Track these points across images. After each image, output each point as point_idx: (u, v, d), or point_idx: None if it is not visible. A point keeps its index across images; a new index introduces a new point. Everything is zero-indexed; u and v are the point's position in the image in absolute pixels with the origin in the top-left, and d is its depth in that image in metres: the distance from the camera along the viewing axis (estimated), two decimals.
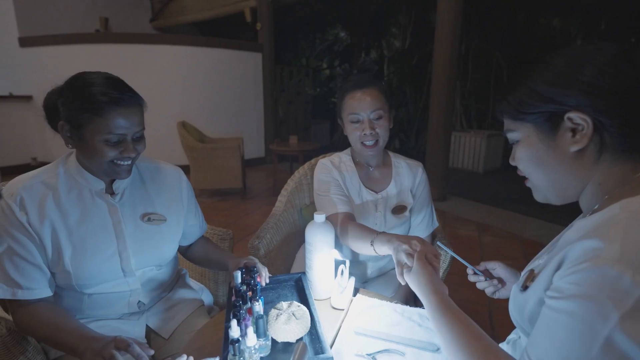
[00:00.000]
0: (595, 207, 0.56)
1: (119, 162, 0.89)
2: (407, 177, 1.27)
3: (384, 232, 0.96)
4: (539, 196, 0.64)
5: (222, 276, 1.37)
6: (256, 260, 1.00)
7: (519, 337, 0.68)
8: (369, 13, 7.96)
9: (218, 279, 1.36)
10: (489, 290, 0.86)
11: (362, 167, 1.28)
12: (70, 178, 0.93)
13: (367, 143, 1.15)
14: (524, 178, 0.65)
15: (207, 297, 1.25)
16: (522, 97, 0.58)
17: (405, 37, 7.93)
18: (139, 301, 1.02)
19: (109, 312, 0.99)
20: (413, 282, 0.75)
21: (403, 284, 0.81)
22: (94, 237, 0.93)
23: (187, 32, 7.26)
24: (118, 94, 0.84)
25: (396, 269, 0.83)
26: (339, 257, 0.96)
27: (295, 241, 1.68)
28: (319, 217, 0.98)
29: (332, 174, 1.23)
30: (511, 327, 0.69)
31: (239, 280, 0.92)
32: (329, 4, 7.56)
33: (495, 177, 5.59)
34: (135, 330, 1.00)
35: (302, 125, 7.36)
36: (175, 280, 1.18)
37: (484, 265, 0.87)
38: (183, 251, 1.21)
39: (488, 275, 0.86)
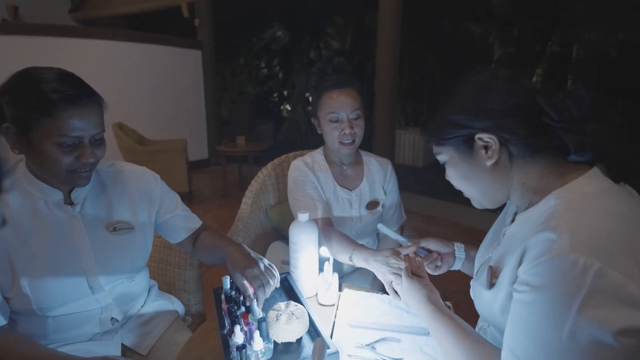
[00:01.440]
0: (529, 203, 0.65)
1: (76, 169, 0.80)
2: (378, 173, 1.33)
3: (360, 247, 1.05)
4: (476, 204, 0.74)
5: (192, 285, 1.30)
6: (257, 273, 0.84)
7: (488, 325, 0.76)
8: (306, 13, 8.03)
9: (189, 288, 1.29)
10: (429, 267, 0.95)
11: (336, 165, 1.30)
12: (21, 189, 0.83)
13: (345, 142, 1.18)
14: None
15: (178, 308, 1.19)
16: (439, 126, 0.68)
17: (343, 37, 8.16)
18: (112, 318, 0.94)
19: (79, 334, 0.90)
20: (406, 298, 0.84)
21: (398, 299, 0.90)
22: (55, 253, 0.84)
23: (115, 27, 6.67)
24: (72, 91, 0.76)
25: (387, 289, 0.91)
26: (327, 254, 0.98)
27: (263, 243, 1.66)
28: (303, 217, 0.99)
29: (307, 177, 1.24)
30: (465, 310, 0.78)
31: (228, 285, 0.89)
32: (267, 2, 7.49)
33: (434, 170, 6.00)
34: (110, 350, 0.92)
35: (247, 126, 7.21)
36: (148, 292, 1.10)
37: (421, 242, 0.96)
38: (190, 249, 1.08)
39: (427, 251, 0.96)
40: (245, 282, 0.83)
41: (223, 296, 0.88)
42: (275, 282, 0.85)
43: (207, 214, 3.80)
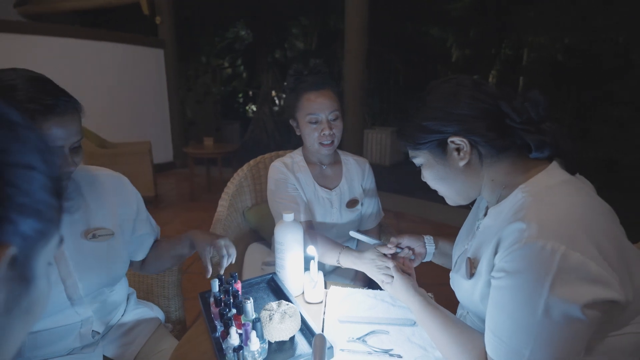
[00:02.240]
0: (499, 197, 0.72)
1: None
2: (356, 172, 1.36)
3: (346, 250, 1.07)
4: (450, 202, 0.80)
5: (172, 290, 1.27)
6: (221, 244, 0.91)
7: (467, 313, 0.82)
8: (270, 13, 7.96)
9: (168, 294, 1.26)
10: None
11: (315, 166, 1.32)
12: None
13: (325, 143, 1.20)
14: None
15: (159, 315, 1.15)
16: (413, 132, 0.74)
17: (308, 38, 8.19)
18: (93, 331, 0.90)
19: (57, 349, 0.85)
20: (396, 292, 0.88)
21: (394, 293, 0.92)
22: None
23: (67, 23, 6.27)
24: (52, 100, 0.71)
25: (382, 286, 0.95)
26: (314, 253, 0.99)
27: (241, 245, 1.64)
28: (288, 217, 1.00)
29: (288, 179, 1.25)
30: (441, 301, 0.84)
31: (217, 288, 0.88)
32: (230, 1, 7.35)
33: (401, 169, 6.18)
34: None
35: (213, 127, 7.04)
36: (127, 301, 1.06)
37: (395, 241, 1.01)
38: (138, 266, 1.08)
39: (400, 248, 1.01)
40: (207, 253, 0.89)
41: (212, 299, 0.87)
42: (231, 259, 0.90)
43: (176, 218, 3.68)
